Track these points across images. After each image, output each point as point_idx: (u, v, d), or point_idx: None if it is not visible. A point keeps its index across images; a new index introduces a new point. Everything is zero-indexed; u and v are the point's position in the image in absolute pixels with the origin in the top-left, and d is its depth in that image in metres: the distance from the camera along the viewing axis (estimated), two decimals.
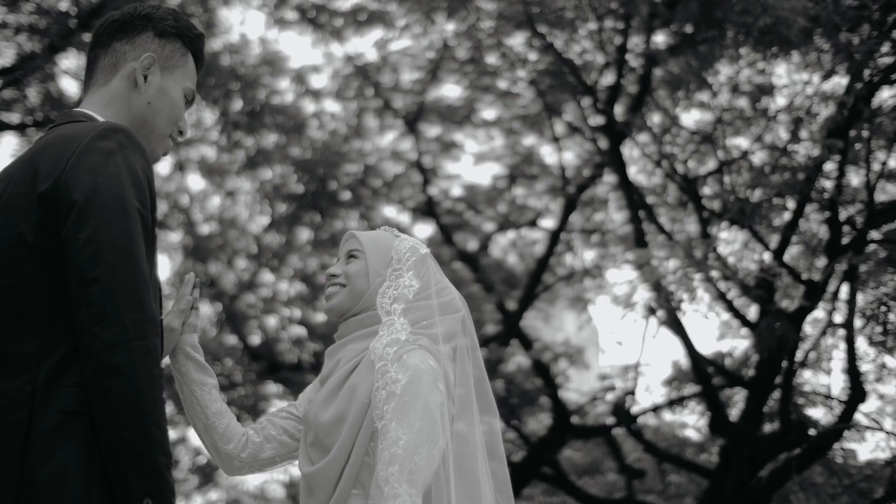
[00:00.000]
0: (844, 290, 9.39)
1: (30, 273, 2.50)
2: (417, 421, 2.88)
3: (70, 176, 2.49)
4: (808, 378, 9.94)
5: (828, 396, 9.74)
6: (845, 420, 9.37)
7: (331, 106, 13.09)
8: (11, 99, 9.73)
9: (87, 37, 9.44)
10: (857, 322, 9.21)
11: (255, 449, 3.23)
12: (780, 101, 9.95)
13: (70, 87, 10.14)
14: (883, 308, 8.96)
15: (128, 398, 2.36)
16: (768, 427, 10.12)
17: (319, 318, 13.48)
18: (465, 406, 3.12)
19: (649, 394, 11.44)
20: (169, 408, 11.41)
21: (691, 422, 11.76)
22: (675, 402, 11.34)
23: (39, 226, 2.50)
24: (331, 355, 3.17)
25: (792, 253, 10.04)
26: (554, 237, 12.75)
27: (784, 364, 9.59)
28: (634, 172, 11.20)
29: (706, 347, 16.05)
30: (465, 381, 3.15)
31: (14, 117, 9.83)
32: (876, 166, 9.14)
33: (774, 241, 9.83)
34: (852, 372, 9.25)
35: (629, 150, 11.11)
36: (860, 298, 9.15)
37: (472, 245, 13.62)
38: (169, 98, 2.84)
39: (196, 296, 3.26)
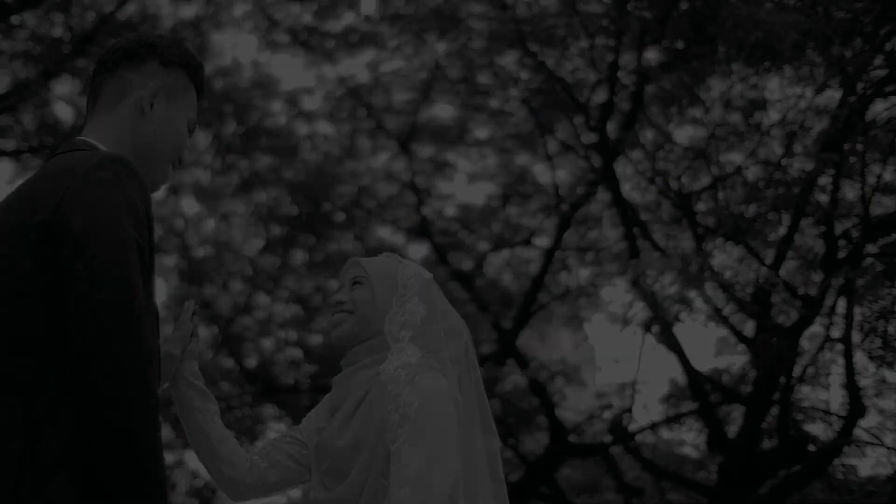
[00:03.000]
0: (842, 304, 9.39)
1: (27, 304, 2.47)
2: (430, 443, 2.87)
3: (67, 206, 2.47)
4: (806, 394, 9.91)
5: (827, 412, 9.71)
6: (845, 436, 9.35)
7: (324, 128, 13.14)
8: (6, 125, 9.74)
9: (81, 63, 9.47)
10: (856, 336, 9.21)
11: (260, 474, 3.21)
12: (774, 115, 9.97)
13: (65, 113, 10.19)
14: (881, 321, 8.95)
15: (123, 430, 2.33)
16: (767, 443, 10.09)
17: (315, 339, 13.46)
18: (466, 426, 3.11)
19: (647, 411, 11.45)
20: (165, 430, 11.37)
21: (689, 439, 11.73)
22: (672, 420, 11.32)
23: (37, 256, 2.48)
24: (340, 384, 3.14)
25: (788, 268, 10.04)
26: (548, 256, 12.73)
27: (782, 380, 9.57)
28: (628, 189, 11.20)
29: (703, 364, 16.05)
30: (466, 403, 3.13)
31: (9, 144, 9.85)
32: (871, 179, 9.15)
33: (770, 256, 9.82)
34: (851, 387, 9.23)
35: (622, 168, 11.11)
36: (858, 312, 9.15)
37: (466, 265, 13.60)
38: (174, 127, 2.84)
39: (196, 322, 3.24)
